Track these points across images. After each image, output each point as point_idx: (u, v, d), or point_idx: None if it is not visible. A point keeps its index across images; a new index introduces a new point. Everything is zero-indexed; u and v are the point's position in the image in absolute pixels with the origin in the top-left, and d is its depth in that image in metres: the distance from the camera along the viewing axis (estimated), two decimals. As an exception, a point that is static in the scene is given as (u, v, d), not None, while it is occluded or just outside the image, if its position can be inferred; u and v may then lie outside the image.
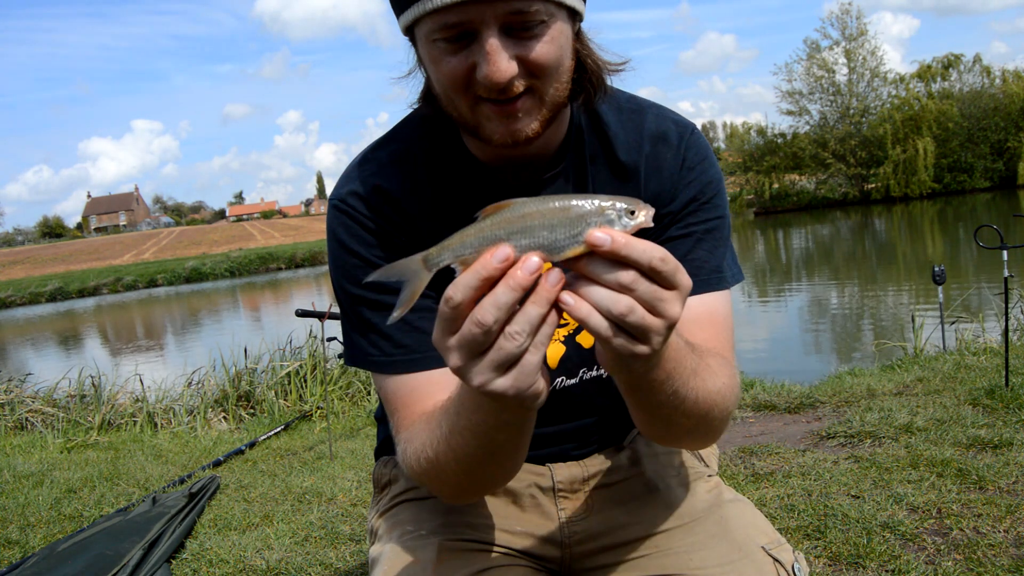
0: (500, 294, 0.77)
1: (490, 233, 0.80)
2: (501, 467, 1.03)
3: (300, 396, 6.70)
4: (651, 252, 0.77)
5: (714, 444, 1.48)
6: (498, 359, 0.79)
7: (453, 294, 0.78)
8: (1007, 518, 2.45)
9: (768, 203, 46.96)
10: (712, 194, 1.20)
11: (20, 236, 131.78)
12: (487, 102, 1.03)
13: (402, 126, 1.25)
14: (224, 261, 46.71)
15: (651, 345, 0.80)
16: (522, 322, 0.78)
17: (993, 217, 26.30)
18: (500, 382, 0.80)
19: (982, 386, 3.97)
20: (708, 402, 1.01)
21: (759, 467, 3.23)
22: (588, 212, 0.79)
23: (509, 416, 0.90)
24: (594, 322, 0.78)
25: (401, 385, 1.15)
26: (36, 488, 4.14)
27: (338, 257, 1.19)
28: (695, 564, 1.15)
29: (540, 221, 0.79)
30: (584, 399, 1.27)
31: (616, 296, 0.77)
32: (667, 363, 0.90)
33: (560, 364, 1.24)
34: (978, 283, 11.28)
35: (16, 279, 50.49)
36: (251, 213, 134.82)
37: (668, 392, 0.94)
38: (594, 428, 1.31)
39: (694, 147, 1.21)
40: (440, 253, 0.83)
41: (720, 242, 1.20)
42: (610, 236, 0.76)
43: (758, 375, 5.33)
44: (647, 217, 0.80)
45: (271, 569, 2.73)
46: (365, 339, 1.18)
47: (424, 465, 1.05)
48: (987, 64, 44.85)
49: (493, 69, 0.98)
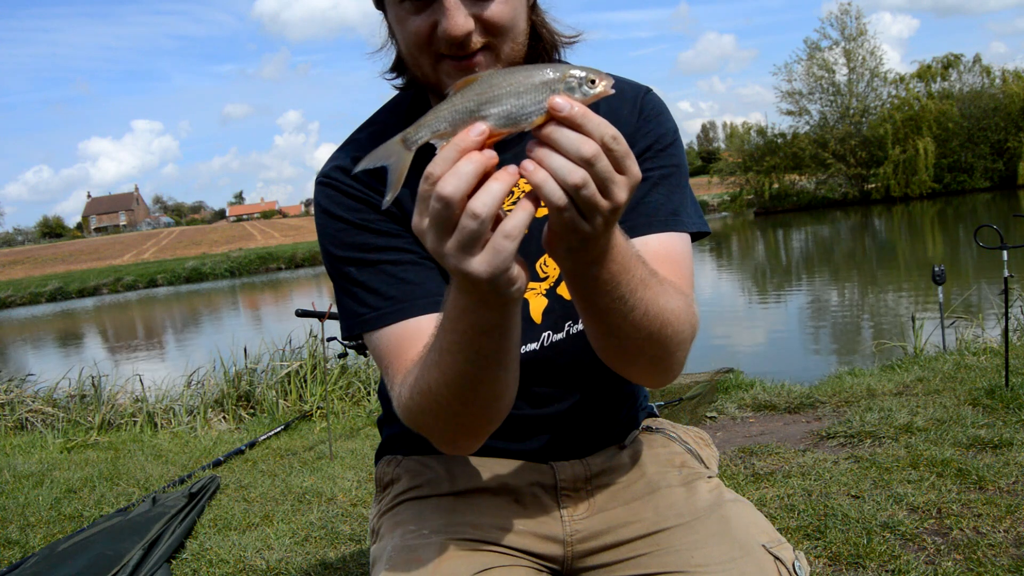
0: (460, 164, 0.80)
1: (461, 105, 0.84)
2: (492, 388, 1.02)
3: (300, 396, 6.70)
4: (604, 128, 0.81)
5: (714, 446, 1.49)
6: (463, 238, 0.81)
7: (432, 169, 0.81)
8: (1007, 518, 2.45)
9: (768, 203, 46.90)
10: (668, 142, 1.25)
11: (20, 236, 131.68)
12: (447, 59, 1.12)
13: (380, 111, 1.33)
14: (224, 261, 46.67)
15: (594, 225, 0.84)
16: (484, 198, 0.80)
17: (993, 217, 26.29)
18: (472, 262, 0.82)
19: (982, 386, 3.97)
20: (659, 319, 1.01)
21: (759, 467, 3.23)
22: (552, 79, 0.83)
23: (490, 314, 0.90)
24: (549, 188, 0.81)
25: (392, 336, 1.17)
26: (36, 488, 4.14)
27: (324, 225, 1.23)
28: (696, 562, 1.15)
29: (508, 90, 0.83)
30: (573, 358, 1.26)
31: (573, 167, 0.80)
32: (611, 264, 0.92)
33: (544, 317, 1.25)
34: (978, 283, 11.28)
35: (16, 279, 50.47)
36: (251, 213, 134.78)
37: (614, 295, 0.95)
38: (589, 411, 1.31)
39: (650, 103, 1.27)
40: (417, 131, 0.87)
41: (676, 188, 1.23)
42: (570, 103, 0.80)
43: (758, 375, 5.33)
44: (606, 87, 0.85)
45: (271, 569, 2.74)
46: (355, 300, 1.20)
47: (417, 399, 1.05)
48: (987, 64, 44.85)
49: (451, 23, 1.06)
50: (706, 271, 19.31)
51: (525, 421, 1.28)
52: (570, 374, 1.28)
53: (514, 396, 1.07)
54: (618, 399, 1.35)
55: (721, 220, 47.52)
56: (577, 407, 1.30)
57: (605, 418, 1.34)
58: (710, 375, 5.34)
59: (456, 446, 1.15)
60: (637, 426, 1.41)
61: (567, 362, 1.27)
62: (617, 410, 1.36)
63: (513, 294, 0.87)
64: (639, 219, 1.19)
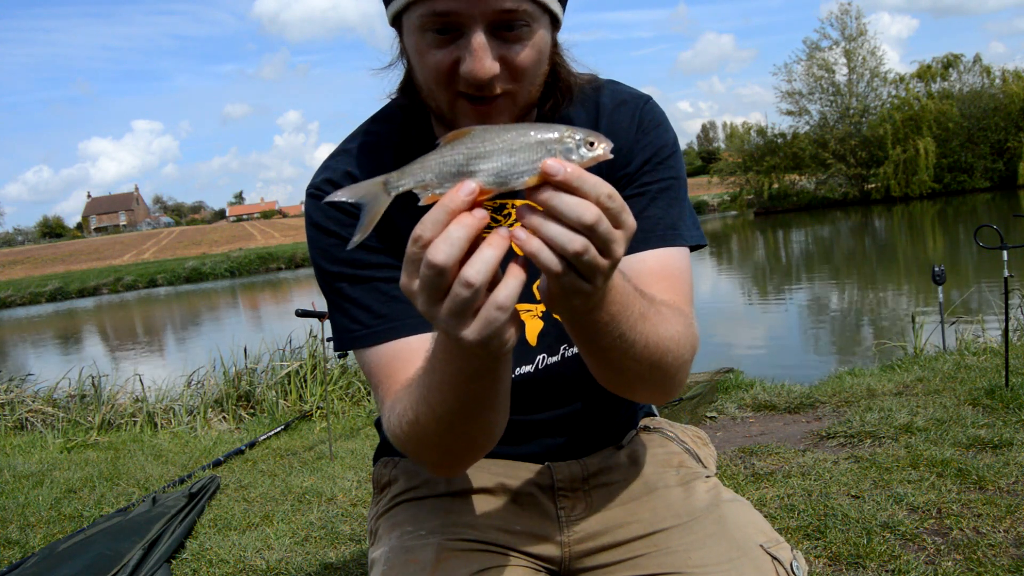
0: (451, 230, 0.77)
1: (450, 158, 0.80)
2: (480, 424, 1.02)
3: (300, 396, 6.70)
4: (600, 187, 0.78)
5: (712, 446, 1.49)
6: (454, 306, 0.78)
7: (422, 232, 0.78)
8: (1007, 518, 2.45)
9: (768, 203, 46.88)
10: (667, 155, 1.23)
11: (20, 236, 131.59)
12: (465, 99, 1.07)
13: (372, 121, 1.29)
14: (224, 261, 46.64)
15: (595, 284, 0.81)
16: (478, 266, 0.76)
17: (993, 217, 26.29)
18: (464, 331, 0.80)
19: (982, 386, 3.97)
20: (659, 348, 1.00)
21: (759, 467, 3.23)
22: (547, 140, 0.80)
23: (480, 364, 0.89)
24: (545, 257, 0.78)
25: (383, 355, 1.16)
26: (36, 488, 4.14)
27: (316, 240, 1.22)
28: (694, 563, 1.15)
29: (500, 147, 0.79)
30: (569, 378, 1.26)
31: (573, 235, 0.77)
32: (611, 305, 0.90)
33: (539, 340, 1.25)
34: (978, 283, 11.27)
35: (16, 279, 50.44)
36: (251, 213, 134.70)
37: (614, 335, 0.94)
38: (586, 416, 1.31)
39: (650, 113, 1.25)
40: (400, 177, 0.83)
41: (675, 201, 1.22)
42: (563, 166, 0.77)
43: (758, 375, 5.33)
44: (605, 150, 0.81)
45: (271, 569, 2.74)
46: (347, 317, 1.19)
47: (406, 428, 1.04)
48: (987, 64, 44.86)
49: (478, 66, 1.01)
50: (706, 271, 19.30)
51: (522, 427, 1.28)
52: (566, 390, 1.28)
53: (504, 427, 1.06)
54: (615, 403, 1.35)
55: (721, 220, 47.53)
56: (574, 413, 1.30)
57: (602, 420, 1.34)
58: (710, 375, 5.34)
59: (443, 471, 1.15)
60: (635, 426, 1.41)
61: (563, 383, 1.27)
62: (614, 412, 1.36)
63: (505, 352, 0.84)
64: (637, 234, 1.18)
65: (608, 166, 0.83)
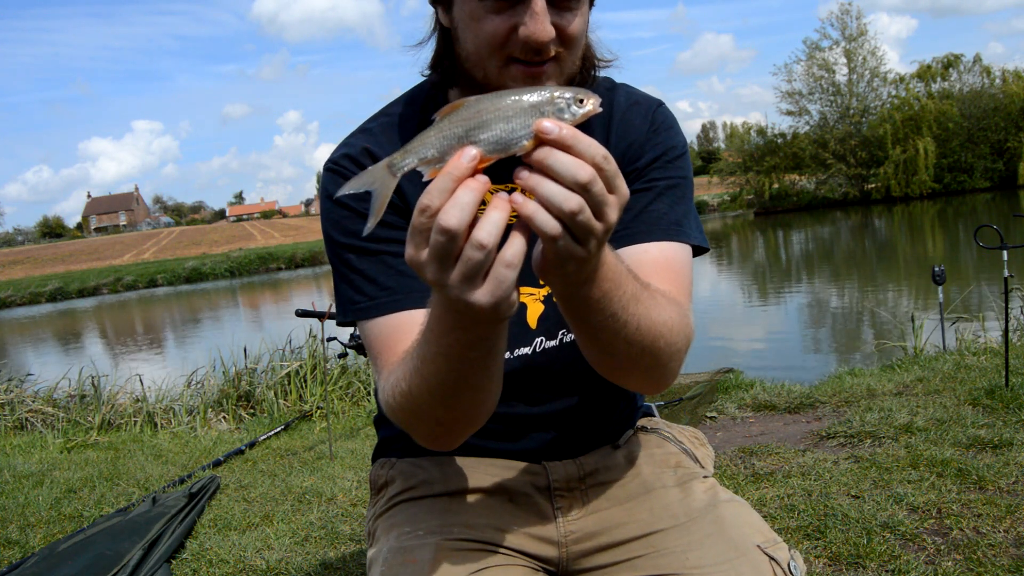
0: (459, 194, 0.78)
1: (449, 132, 0.82)
2: (474, 396, 1.02)
3: (300, 396, 6.71)
4: (595, 148, 0.79)
5: (709, 446, 1.49)
6: (467, 270, 0.80)
7: (429, 201, 0.79)
8: (1007, 518, 2.45)
9: (768, 203, 46.93)
10: (676, 156, 1.26)
11: (20, 236, 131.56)
12: (517, 64, 1.11)
13: (395, 102, 1.33)
14: (224, 261, 46.65)
15: (588, 248, 0.82)
16: (488, 227, 0.78)
17: (993, 217, 26.31)
18: (476, 294, 0.81)
19: (982, 386, 3.97)
20: (652, 332, 1.01)
21: (759, 467, 3.23)
22: (539, 102, 0.82)
23: (481, 331, 0.90)
24: (541, 219, 0.79)
25: (384, 326, 1.17)
26: (36, 488, 4.14)
27: (329, 211, 1.23)
28: (691, 563, 1.15)
29: (495, 115, 0.81)
30: (566, 365, 1.26)
31: (569, 194, 0.78)
32: (603, 281, 0.91)
33: (539, 323, 1.26)
34: (978, 283, 11.27)
35: (16, 279, 50.44)
36: (251, 213, 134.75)
37: (607, 313, 0.94)
38: (583, 411, 1.31)
39: (662, 116, 1.29)
40: (404, 157, 0.84)
41: (680, 200, 1.24)
42: (557, 126, 0.78)
43: (758, 375, 5.34)
44: (595, 104, 0.83)
45: (271, 569, 2.74)
46: (352, 288, 1.21)
47: (399, 399, 1.05)
48: (987, 64, 44.89)
49: (540, 28, 1.06)
50: (706, 271, 19.30)
51: (518, 420, 1.28)
52: (562, 379, 1.28)
53: (497, 400, 1.07)
54: (612, 398, 1.35)
55: (721, 220, 47.52)
56: (570, 407, 1.30)
57: (599, 417, 1.34)
58: (710, 375, 5.35)
59: (436, 444, 1.15)
60: (632, 425, 1.41)
61: (559, 368, 1.27)
62: (611, 409, 1.36)
63: (511, 315, 0.86)
64: (641, 226, 1.20)
65: (619, 161, 0.85)
